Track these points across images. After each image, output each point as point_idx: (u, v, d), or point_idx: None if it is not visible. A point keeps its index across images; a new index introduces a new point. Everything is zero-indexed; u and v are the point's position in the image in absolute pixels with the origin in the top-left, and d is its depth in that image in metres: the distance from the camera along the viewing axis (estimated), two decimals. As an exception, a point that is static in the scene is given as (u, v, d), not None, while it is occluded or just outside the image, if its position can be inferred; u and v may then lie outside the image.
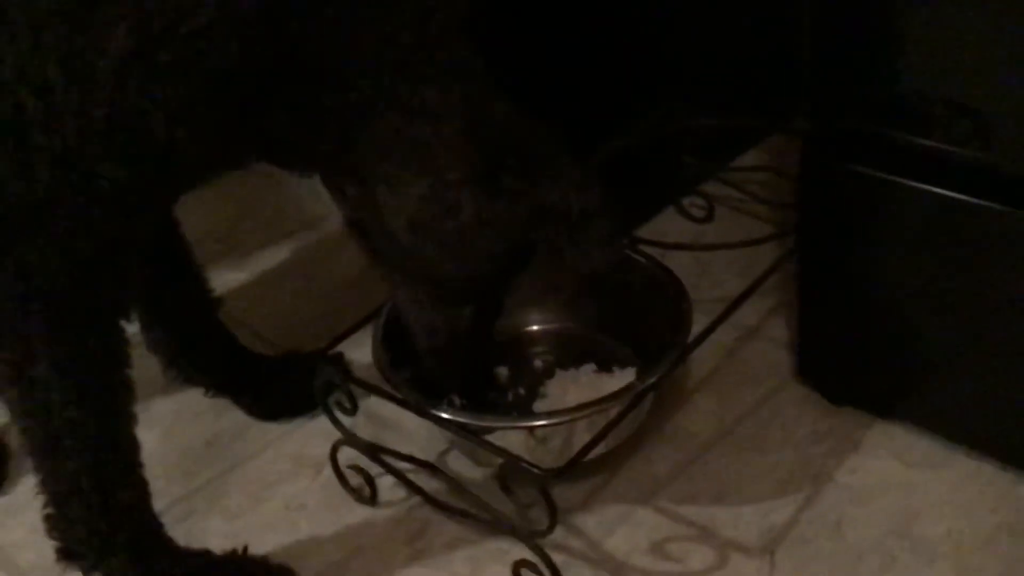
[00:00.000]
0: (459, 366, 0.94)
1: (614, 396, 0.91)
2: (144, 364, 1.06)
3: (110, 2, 0.67)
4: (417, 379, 0.95)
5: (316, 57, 0.74)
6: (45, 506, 0.85)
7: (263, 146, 0.81)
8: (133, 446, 0.84)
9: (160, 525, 0.88)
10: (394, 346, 0.97)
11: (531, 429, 0.91)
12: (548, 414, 0.93)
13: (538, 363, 1.06)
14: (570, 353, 1.06)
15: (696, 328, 0.96)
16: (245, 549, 0.91)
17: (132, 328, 1.04)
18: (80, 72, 0.68)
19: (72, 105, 0.69)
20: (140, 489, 0.85)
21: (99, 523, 0.83)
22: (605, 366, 1.02)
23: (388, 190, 0.80)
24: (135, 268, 0.82)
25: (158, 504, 0.89)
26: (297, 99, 0.76)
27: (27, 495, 1.01)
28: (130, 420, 0.83)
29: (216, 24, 0.69)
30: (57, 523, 0.85)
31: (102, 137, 0.70)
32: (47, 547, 0.89)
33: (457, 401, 0.98)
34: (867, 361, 0.99)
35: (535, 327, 1.10)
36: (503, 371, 1.04)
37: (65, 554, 0.86)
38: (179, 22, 0.68)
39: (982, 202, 0.83)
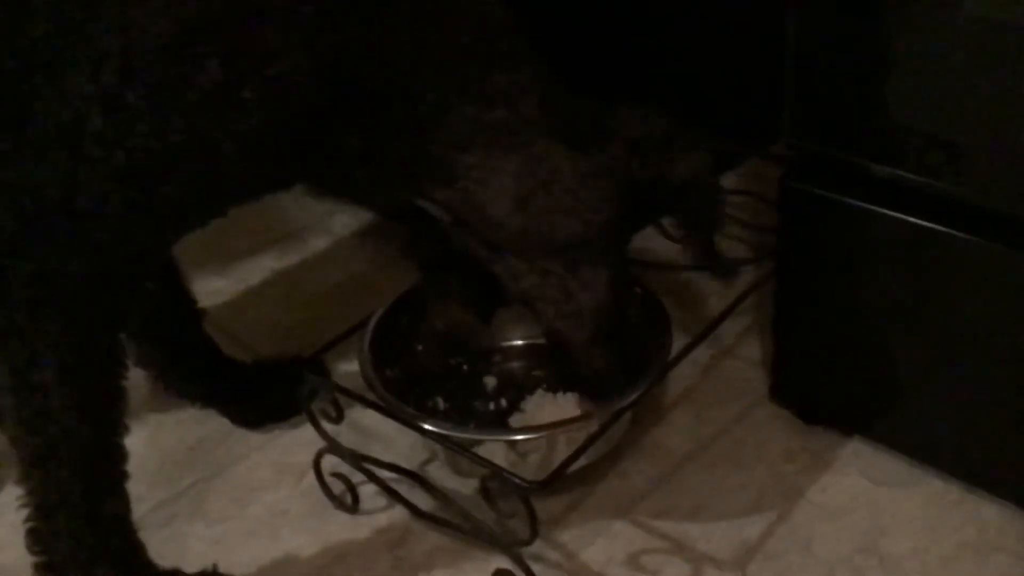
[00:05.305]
0: (612, 349, 0.93)
1: (596, 412, 0.93)
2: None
3: (205, 40, 0.69)
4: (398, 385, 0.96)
5: (385, 83, 0.77)
6: (28, 520, 0.82)
7: (332, 171, 0.83)
8: (122, 456, 0.83)
9: (140, 542, 0.87)
10: (381, 355, 0.99)
11: (513, 443, 0.93)
12: (532, 428, 0.95)
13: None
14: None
15: (674, 346, 0.98)
16: (215, 567, 0.91)
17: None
18: (166, 100, 0.70)
19: (146, 128, 0.70)
20: (125, 501, 0.84)
21: (86, 535, 0.81)
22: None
23: (479, 180, 0.81)
24: (151, 279, 0.82)
25: (140, 509, 0.89)
26: (368, 121, 0.79)
27: (9, 497, 1.02)
28: (121, 430, 0.82)
29: (299, 67, 0.72)
30: (41, 536, 0.82)
31: (171, 159, 0.71)
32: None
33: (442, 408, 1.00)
34: (840, 382, 1.01)
35: (520, 341, 1.10)
36: (491, 380, 1.06)
37: (46, 569, 0.83)
38: (266, 63, 0.71)
39: (953, 232, 0.86)
